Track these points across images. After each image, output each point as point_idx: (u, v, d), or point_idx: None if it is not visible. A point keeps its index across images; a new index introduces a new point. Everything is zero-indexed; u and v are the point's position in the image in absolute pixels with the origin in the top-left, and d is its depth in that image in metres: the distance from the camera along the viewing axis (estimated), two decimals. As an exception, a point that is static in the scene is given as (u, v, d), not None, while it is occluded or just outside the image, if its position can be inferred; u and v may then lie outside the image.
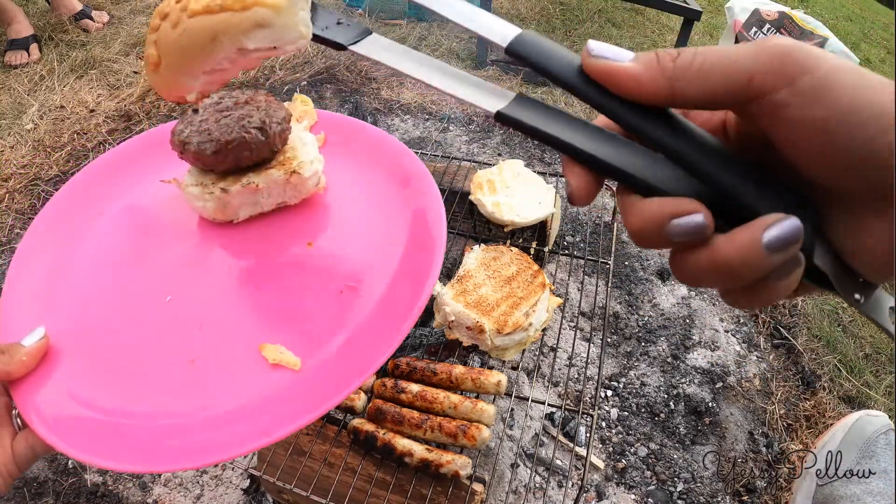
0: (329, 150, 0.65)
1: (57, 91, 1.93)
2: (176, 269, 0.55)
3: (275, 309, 0.51)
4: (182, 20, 0.41)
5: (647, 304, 1.38)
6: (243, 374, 0.46)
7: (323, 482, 0.80)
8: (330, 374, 0.44)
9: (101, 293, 0.54)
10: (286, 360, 0.46)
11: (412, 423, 0.80)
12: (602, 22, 2.75)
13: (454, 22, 0.34)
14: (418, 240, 0.54)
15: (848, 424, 1.04)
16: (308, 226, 0.58)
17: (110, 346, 0.49)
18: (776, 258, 0.25)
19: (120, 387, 0.46)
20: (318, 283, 0.52)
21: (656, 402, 1.18)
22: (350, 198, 0.61)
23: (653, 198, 0.28)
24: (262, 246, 0.57)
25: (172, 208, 0.61)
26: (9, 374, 0.44)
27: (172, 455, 0.40)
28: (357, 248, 0.56)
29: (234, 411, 0.43)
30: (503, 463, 1.03)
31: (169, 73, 0.44)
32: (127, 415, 0.44)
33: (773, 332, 1.34)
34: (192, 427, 0.42)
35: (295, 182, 0.56)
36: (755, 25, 2.06)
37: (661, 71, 0.27)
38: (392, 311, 0.48)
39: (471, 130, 1.87)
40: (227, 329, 0.49)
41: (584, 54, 0.29)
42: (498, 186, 1.08)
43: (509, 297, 0.89)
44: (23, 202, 1.57)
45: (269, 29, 0.40)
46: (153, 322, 0.51)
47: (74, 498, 1.01)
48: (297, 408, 0.42)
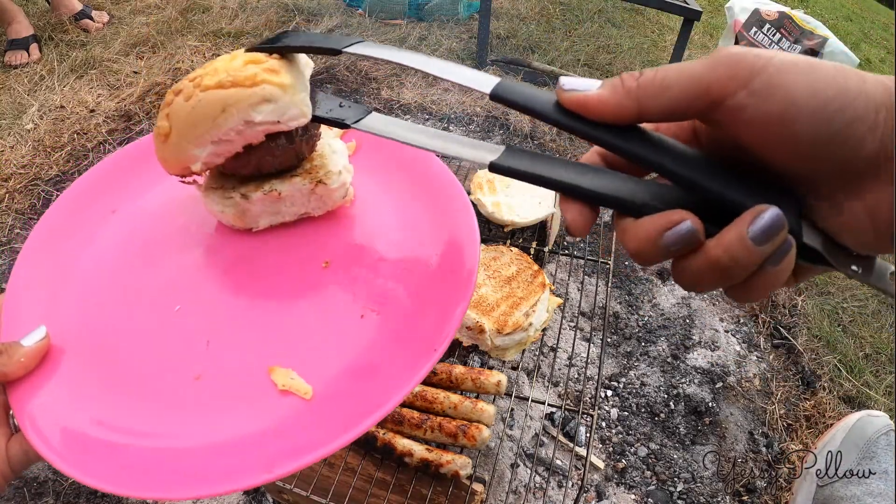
0: (360, 160, 0.61)
1: (57, 91, 1.93)
2: (187, 276, 0.52)
3: (288, 329, 0.47)
4: (195, 94, 0.45)
5: (647, 304, 1.38)
6: (250, 399, 0.42)
7: (323, 482, 0.80)
8: (343, 407, 0.40)
9: (109, 295, 0.51)
10: (296, 387, 0.42)
11: (412, 423, 0.80)
12: (602, 22, 2.75)
13: (442, 78, 0.37)
14: (449, 265, 0.49)
15: (849, 425, 1.04)
16: (331, 241, 0.54)
17: (113, 353, 0.47)
18: (765, 248, 0.27)
19: (120, 397, 0.44)
20: (338, 305, 0.48)
21: (656, 402, 1.18)
22: (379, 213, 0.56)
23: (644, 217, 0.30)
24: (280, 259, 0.53)
25: (189, 210, 0.57)
26: (5, 374, 0.42)
27: (168, 482, 0.37)
28: (382, 268, 0.51)
29: (238, 440, 0.40)
30: (503, 463, 1.03)
31: (178, 143, 0.47)
32: (125, 431, 0.41)
33: (773, 332, 1.34)
34: (191, 452, 0.39)
35: (320, 192, 0.53)
36: (755, 25, 2.06)
37: (625, 92, 0.30)
38: (416, 342, 0.44)
39: (471, 130, 1.87)
40: (237, 347, 0.46)
41: (559, 90, 0.32)
42: (498, 186, 1.08)
43: (509, 297, 0.89)
44: (23, 202, 1.57)
45: (275, 104, 0.44)
46: (160, 331, 0.48)
47: (74, 498, 1.01)
48: (305, 442, 0.38)
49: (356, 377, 0.43)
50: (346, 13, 2.49)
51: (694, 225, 0.28)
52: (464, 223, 0.52)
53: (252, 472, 0.37)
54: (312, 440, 0.38)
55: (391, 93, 2.00)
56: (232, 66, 0.45)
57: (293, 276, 0.51)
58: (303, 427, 0.40)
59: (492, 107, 1.95)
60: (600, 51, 2.48)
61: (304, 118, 0.47)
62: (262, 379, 0.43)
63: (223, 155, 0.48)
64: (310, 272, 0.52)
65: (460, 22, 2.56)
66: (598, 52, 2.46)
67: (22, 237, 1.48)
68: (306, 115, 0.46)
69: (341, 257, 0.53)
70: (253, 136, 0.47)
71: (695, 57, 2.55)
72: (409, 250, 0.52)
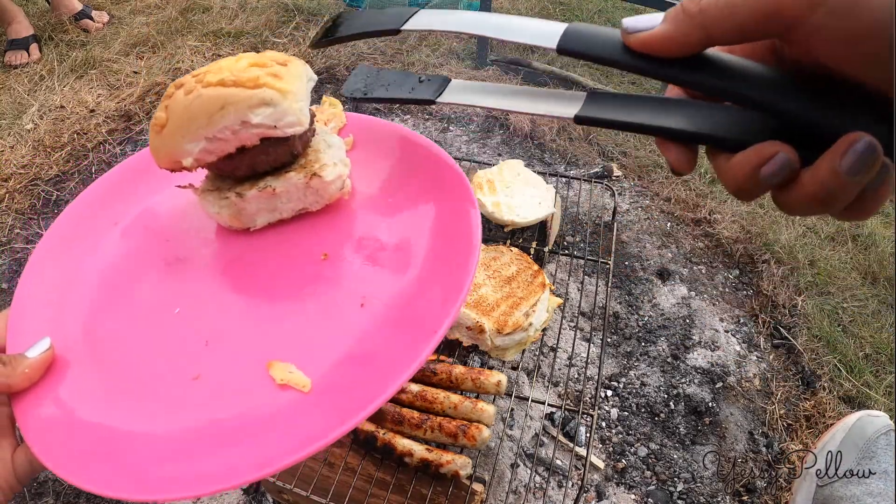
0: (358, 154, 0.61)
1: (57, 91, 1.93)
2: (186, 280, 0.52)
3: (287, 323, 0.47)
4: (196, 89, 0.46)
5: (647, 304, 1.38)
6: (248, 395, 0.43)
7: (323, 482, 0.80)
8: (341, 398, 0.41)
9: (111, 304, 0.51)
10: (295, 381, 0.42)
11: (412, 423, 0.80)
12: (602, 22, 2.75)
13: (499, 39, 0.36)
14: (449, 256, 0.48)
15: (848, 425, 1.04)
16: (330, 234, 0.54)
17: (115, 359, 0.47)
18: (861, 178, 0.26)
19: (122, 404, 0.44)
20: (337, 296, 0.48)
21: (656, 402, 1.18)
22: (377, 205, 0.56)
23: (737, 153, 0.29)
24: (278, 255, 0.53)
25: (190, 216, 0.58)
26: (10, 386, 0.42)
27: (168, 483, 0.38)
28: (382, 257, 0.51)
29: (236, 436, 0.40)
30: (503, 463, 1.03)
31: (172, 135, 0.47)
32: (126, 435, 0.42)
33: (773, 332, 1.34)
34: (191, 452, 0.40)
35: (316, 186, 0.53)
36: (755, 25, 2.07)
37: (688, 20, 0.28)
38: (415, 327, 0.43)
39: (471, 130, 1.87)
40: (236, 344, 0.47)
41: (623, 34, 0.31)
42: (498, 186, 1.08)
43: (509, 297, 0.89)
44: (23, 202, 1.57)
45: (273, 108, 0.45)
46: (159, 335, 0.48)
47: (74, 498, 1.01)
48: (303, 435, 0.38)
49: (356, 365, 0.43)
50: (346, 13, 2.49)
51: (788, 156, 0.27)
52: (465, 214, 0.51)
53: (251, 468, 0.37)
54: (310, 432, 0.38)
55: (391, 93, 2.00)
56: (236, 67, 0.46)
57: (291, 271, 0.52)
58: (301, 420, 0.40)
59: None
60: (600, 51, 2.47)
61: (301, 127, 0.47)
62: (261, 375, 0.44)
63: (215, 153, 0.48)
64: (308, 265, 0.52)
65: (460, 22, 2.55)
66: (598, 52, 2.46)
67: (22, 237, 1.48)
68: (303, 123, 0.47)
69: (340, 249, 0.52)
70: (248, 137, 0.47)
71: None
72: (409, 239, 0.52)
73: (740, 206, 1.64)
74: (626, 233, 1.55)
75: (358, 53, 2.19)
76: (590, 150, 1.81)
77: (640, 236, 1.55)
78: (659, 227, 1.58)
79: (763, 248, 1.51)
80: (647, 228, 1.57)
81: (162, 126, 0.47)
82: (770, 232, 1.55)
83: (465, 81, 0.42)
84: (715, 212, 1.60)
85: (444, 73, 2.13)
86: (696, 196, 1.65)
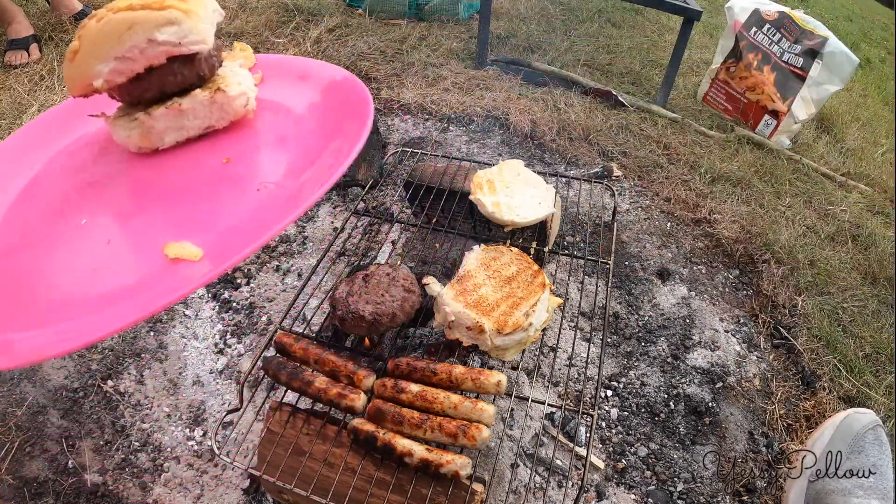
0: (267, 85, 0.68)
1: (57, 91, 1.93)
2: (94, 199, 0.58)
3: (185, 212, 0.53)
4: (106, 16, 0.51)
5: (647, 304, 1.38)
6: (141, 271, 0.48)
7: (323, 482, 0.80)
8: (227, 252, 0.46)
9: (26, 223, 0.57)
10: (187, 253, 0.47)
11: (412, 423, 0.80)
12: (602, 22, 2.75)
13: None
14: (342, 145, 0.54)
15: (836, 422, 1.05)
16: (235, 145, 0.60)
17: (27, 261, 0.52)
18: None
19: (30, 297, 0.49)
20: (236, 188, 0.54)
21: (656, 402, 1.18)
22: (281, 120, 0.63)
23: None
24: (183, 164, 0.58)
25: (100, 152, 0.64)
26: None
27: (74, 333, 0.43)
28: (280, 158, 0.57)
29: (123, 293, 0.46)
30: (503, 463, 1.03)
31: (84, 59, 0.52)
32: (37, 323, 0.46)
33: (773, 332, 1.34)
34: (90, 317, 0.45)
35: (220, 101, 0.58)
36: (755, 25, 2.06)
37: None
38: (301, 195, 0.49)
39: (471, 130, 1.87)
40: (134, 240, 0.52)
41: None
42: (498, 186, 1.08)
43: (509, 298, 0.89)
44: (23, 202, 1.57)
45: (178, 27, 0.51)
46: (66, 242, 0.53)
47: (74, 498, 1.01)
48: (182, 283, 0.44)
49: (246, 234, 0.48)
50: (346, 13, 2.49)
51: None
52: (360, 117, 0.58)
53: (133, 311, 0.42)
54: (194, 284, 0.43)
55: (391, 93, 2.00)
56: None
57: (193, 173, 0.57)
58: (187, 277, 0.45)
59: (492, 107, 1.95)
60: (600, 51, 2.48)
61: (205, 45, 0.53)
62: (155, 256, 0.49)
63: (125, 74, 0.53)
64: (210, 168, 0.57)
65: (460, 22, 2.56)
66: (598, 52, 2.46)
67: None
68: (207, 42, 0.53)
69: (242, 154, 0.59)
70: (155, 56, 0.52)
71: (695, 57, 2.55)
72: (306, 140, 0.58)
73: (740, 206, 1.64)
74: (626, 233, 1.55)
75: (358, 53, 2.18)
76: (590, 150, 1.81)
77: (640, 236, 1.55)
78: (659, 227, 1.58)
79: (763, 248, 1.51)
80: (647, 228, 1.57)
81: (74, 52, 0.52)
82: (770, 232, 1.55)
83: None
84: (715, 212, 1.60)
85: (444, 72, 2.13)
86: (696, 196, 1.65)
